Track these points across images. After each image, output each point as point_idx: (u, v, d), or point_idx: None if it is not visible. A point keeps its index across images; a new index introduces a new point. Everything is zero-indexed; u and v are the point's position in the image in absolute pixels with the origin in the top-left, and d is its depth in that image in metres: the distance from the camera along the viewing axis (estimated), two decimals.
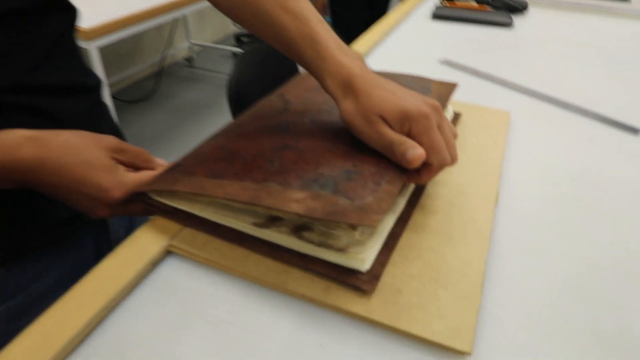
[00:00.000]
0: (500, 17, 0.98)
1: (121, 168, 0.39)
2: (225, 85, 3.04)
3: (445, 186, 0.45)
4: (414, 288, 0.34)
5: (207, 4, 2.11)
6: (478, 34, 0.92)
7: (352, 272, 0.33)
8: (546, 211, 0.44)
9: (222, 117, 2.42)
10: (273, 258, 0.36)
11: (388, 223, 0.38)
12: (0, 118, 0.39)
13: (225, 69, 3.01)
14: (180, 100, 2.63)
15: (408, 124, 0.36)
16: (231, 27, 3.67)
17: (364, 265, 0.33)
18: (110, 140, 0.40)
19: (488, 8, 1.05)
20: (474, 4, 1.06)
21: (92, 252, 0.51)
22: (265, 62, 1.22)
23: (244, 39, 3.41)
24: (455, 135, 0.39)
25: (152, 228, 0.39)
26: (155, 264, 0.36)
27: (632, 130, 0.58)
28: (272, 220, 0.36)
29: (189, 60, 3.14)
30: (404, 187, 0.40)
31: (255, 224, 0.36)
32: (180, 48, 3.09)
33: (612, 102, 0.65)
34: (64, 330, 0.30)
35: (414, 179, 0.38)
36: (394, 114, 0.36)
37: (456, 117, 0.56)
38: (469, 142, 0.52)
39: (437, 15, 1.00)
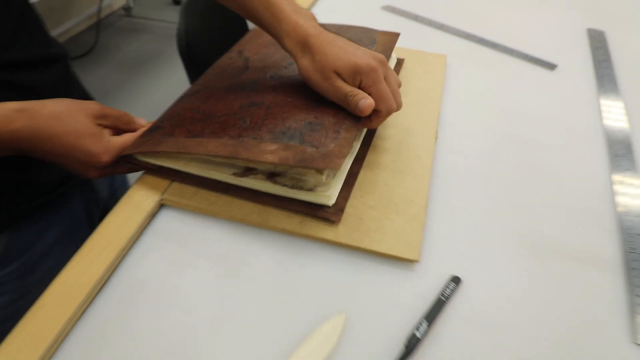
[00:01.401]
0: None
1: (106, 133, 0.44)
2: (167, 34, 2.93)
3: (393, 128, 0.52)
4: (372, 216, 0.41)
5: None
6: None
7: (321, 207, 0.41)
8: (477, 143, 0.52)
9: (170, 68, 2.37)
10: (253, 202, 0.42)
11: (347, 164, 0.45)
12: None
13: (167, 17, 2.89)
14: (124, 53, 2.53)
15: (359, 77, 0.42)
16: None
17: (330, 201, 0.40)
18: (93, 106, 0.44)
19: None
20: None
21: (83, 209, 0.55)
22: (210, 10, 1.22)
23: None
24: (399, 84, 0.46)
25: (143, 186, 0.44)
26: (152, 216, 0.42)
27: (550, 66, 0.66)
28: (249, 170, 0.42)
29: (126, 10, 2.98)
30: (358, 132, 0.47)
31: (235, 174, 0.42)
32: None
33: (535, 41, 0.73)
34: (87, 277, 0.36)
35: (367, 124, 0.44)
36: (346, 69, 0.42)
37: (399, 63, 0.63)
38: (412, 86, 0.59)
39: None
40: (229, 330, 0.34)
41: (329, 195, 0.40)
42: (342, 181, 0.43)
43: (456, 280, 0.37)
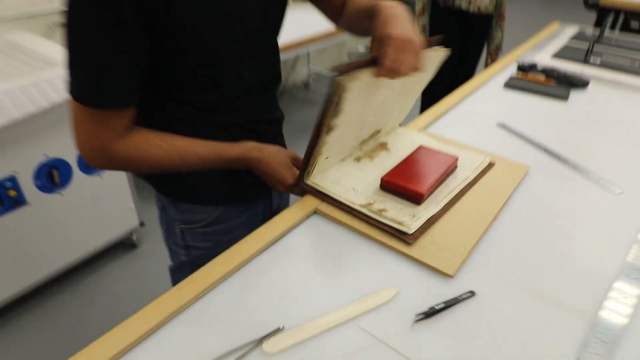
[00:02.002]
0: (559, 91, 1.26)
1: (294, 167, 0.78)
2: None
3: (473, 193, 0.78)
4: (435, 244, 0.68)
5: (329, 42, 2.56)
6: (537, 104, 1.22)
7: (405, 233, 0.68)
8: (523, 232, 0.75)
9: None
10: (368, 223, 0.72)
11: (428, 215, 0.72)
12: (241, 136, 0.79)
13: None
14: (296, 120, 3.11)
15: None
16: (346, 58, 4.12)
17: (410, 231, 0.68)
18: (290, 152, 0.79)
19: (552, 82, 1.33)
20: (542, 78, 1.35)
21: (261, 208, 0.90)
22: None
23: None
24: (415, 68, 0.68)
25: (303, 202, 0.77)
26: (308, 216, 0.75)
27: (611, 191, 0.86)
28: (370, 204, 0.72)
29: (306, 85, 3.64)
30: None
31: (361, 206, 0.73)
32: (300, 73, 3.59)
33: (616, 174, 0.92)
34: (261, 241, 0.69)
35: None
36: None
37: (490, 166, 0.88)
38: (488, 182, 0.84)
39: (508, 85, 1.31)
40: (340, 285, 0.63)
41: (410, 227, 0.68)
42: (421, 223, 0.70)
43: (472, 292, 0.61)
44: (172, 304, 0.57)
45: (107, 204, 1.83)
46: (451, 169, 0.83)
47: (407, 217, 0.71)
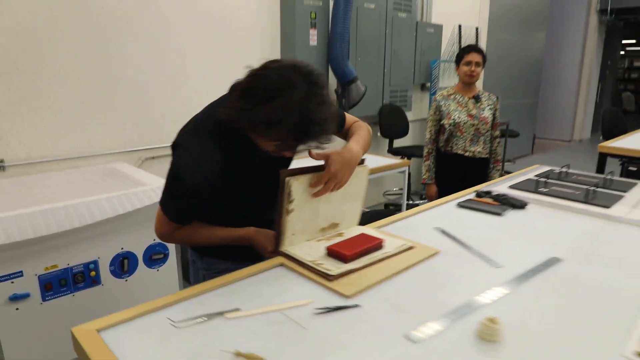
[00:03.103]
0: (498, 209, 1.66)
1: (274, 241, 1.24)
2: None
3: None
4: (350, 281, 1.07)
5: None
6: (476, 218, 1.62)
7: (329, 275, 1.09)
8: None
9: None
10: (312, 271, 1.13)
11: (348, 268, 1.13)
12: (251, 225, 1.28)
13: None
14: None
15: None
16: (382, 199, 4.67)
17: (332, 274, 1.09)
18: (273, 232, 1.26)
19: (497, 203, 1.73)
20: (490, 200, 1.76)
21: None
22: None
23: (391, 207, 4.35)
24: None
25: (276, 259, 1.21)
26: (275, 267, 1.18)
27: (494, 265, 1.22)
28: (314, 261, 1.15)
29: None
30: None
31: (309, 261, 1.15)
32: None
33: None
34: (244, 273, 1.12)
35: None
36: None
37: (409, 248, 1.28)
38: (401, 257, 1.23)
39: (460, 205, 1.73)
40: None
41: (333, 272, 1.09)
42: (342, 271, 1.11)
43: (357, 305, 0.99)
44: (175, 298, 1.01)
45: (160, 288, 2.30)
46: (377, 246, 1.25)
47: (334, 268, 1.12)
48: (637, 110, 13.30)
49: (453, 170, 2.82)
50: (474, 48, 2.74)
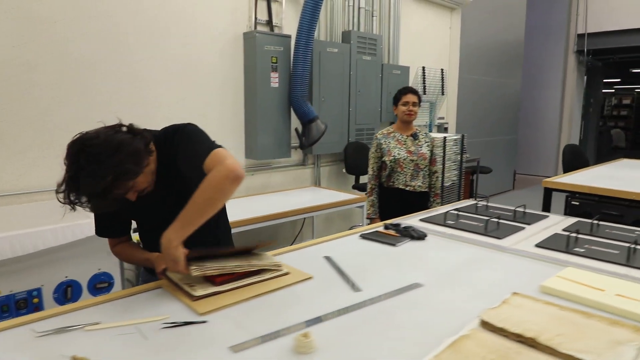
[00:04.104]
0: (395, 240, 1.80)
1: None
2: None
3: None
4: (210, 301, 1.22)
5: (331, 211, 3.27)
6: (370, 247, 1.76)
7: (192, 295, 1.24)
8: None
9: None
10: (182, 292, 1.28)
11: (214, 290, 1.27)
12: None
13: None
14: None
15: None
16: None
17: (195, 294, 1.24)
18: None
19: (397, 234, 1.87)
20: (393, 232, 1.91)
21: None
22: None
23: None
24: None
25: (161, 282, 1.36)
26: (157, 288, 1.32)
27: (356, 289, 1.35)
28: (188, 284, 1.30)
29: None
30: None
31: (183, 283, 1.30)
32: (307, 242, 4.28)
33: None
34: (133, 290, 1.27)
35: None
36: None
37: (286, 273, 1.43)
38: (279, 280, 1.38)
39: (362, 236, 1.88)
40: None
41: (196, 293, 1.24)
42: (206, 292, 1.25)
43: (204, 321, 1.14)
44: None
45: None
46: (253, 272, 1.39)
47: (201, 290, 1.26)
48: (629, 147, 13.45)
49: (395, 204, 2.96)
50: (409, 90, 2.95)
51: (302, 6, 3.77)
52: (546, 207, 3.42)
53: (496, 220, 2.05)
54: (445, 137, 4.48)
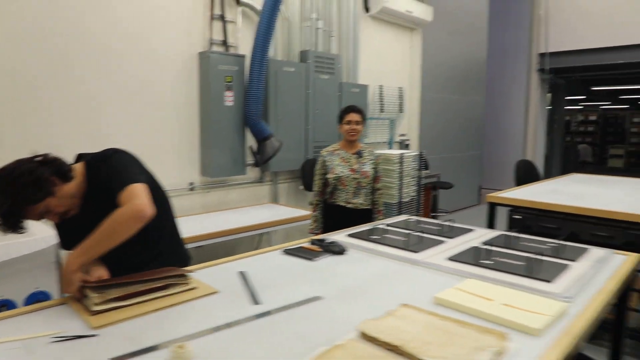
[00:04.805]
0: (312, 255, 1.87)
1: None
2: None
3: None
4: (108, 315, 1.26)
5: (290, 227, 3.33)
6: (289, 262, 1.82)
7: (91, 310, 1.28)
8: None
9: None
10: (85, 308, 1.32)
11: (114, 305, 1.31)
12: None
13: None
14: None
15: None
16: None
17: (94, 309, 1.28)
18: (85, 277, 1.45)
19: (319, 249, 1.94)
20: (316, 248, 1.97)
21: None
22: None
23: None
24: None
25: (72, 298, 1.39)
26: (57, 305, 1.36)
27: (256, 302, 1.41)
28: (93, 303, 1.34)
29: None
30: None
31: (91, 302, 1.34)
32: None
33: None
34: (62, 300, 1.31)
35: None
36: None
37: (193, 287, 1.47)
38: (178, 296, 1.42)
39: (286, 251, 1.93)
40: None
41: (95, 308, 1.28)
42: (105, 308, 1.30)
43: (95, 334, 1.18)
44: None
45: None
46: (159, 287, 1.43)
47: (103, 306, 1.31)
48: (596, 161, 13.86)
49: (338, 221, 3.03)
50: (352, 109, 3.04)
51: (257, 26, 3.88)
52: (491, 221, 3.52)
53: (418, 234, 2.13)
54: (402, 154, 4.60)
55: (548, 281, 1.60)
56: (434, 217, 5.60)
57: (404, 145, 5.86)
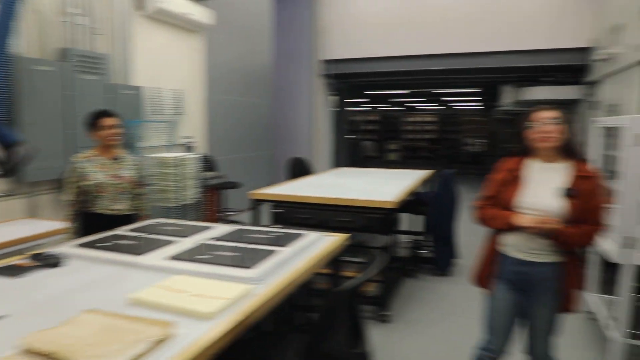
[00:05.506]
0: (16, 272, 1.76)
1: None
2: None
3: None
4: None
5: (56, 239, 2.94)
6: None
7: None
8: None
9: None
10: None
11: None
12: None
13: None
14: None
15: None
16: None
17: None
18: None
19: (32, 264, 1.84)
20: (26, 263, 1.86)
21: None
22: None
23: None
24: None
25: None
26: None
27: None
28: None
29: None
30: None
31: None
32: None
33: None
34: None
35: None
36: None
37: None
38: None
39: None
40: None
41: None
42: None
43: None
44: None
45: None
46: None
47: None
48: (378, 156, 16.06)
49: (100, 229, 2.89)
50: (108, 113, 2.93)
51: None
52: (256, 216, 3.79)
53: (154, 236, 2.18)
54: (178, 157, 4.60)
55: (248, 268, 1.81)
56: (219, 218, 5.76)
57: (188, 147, 5.86)
